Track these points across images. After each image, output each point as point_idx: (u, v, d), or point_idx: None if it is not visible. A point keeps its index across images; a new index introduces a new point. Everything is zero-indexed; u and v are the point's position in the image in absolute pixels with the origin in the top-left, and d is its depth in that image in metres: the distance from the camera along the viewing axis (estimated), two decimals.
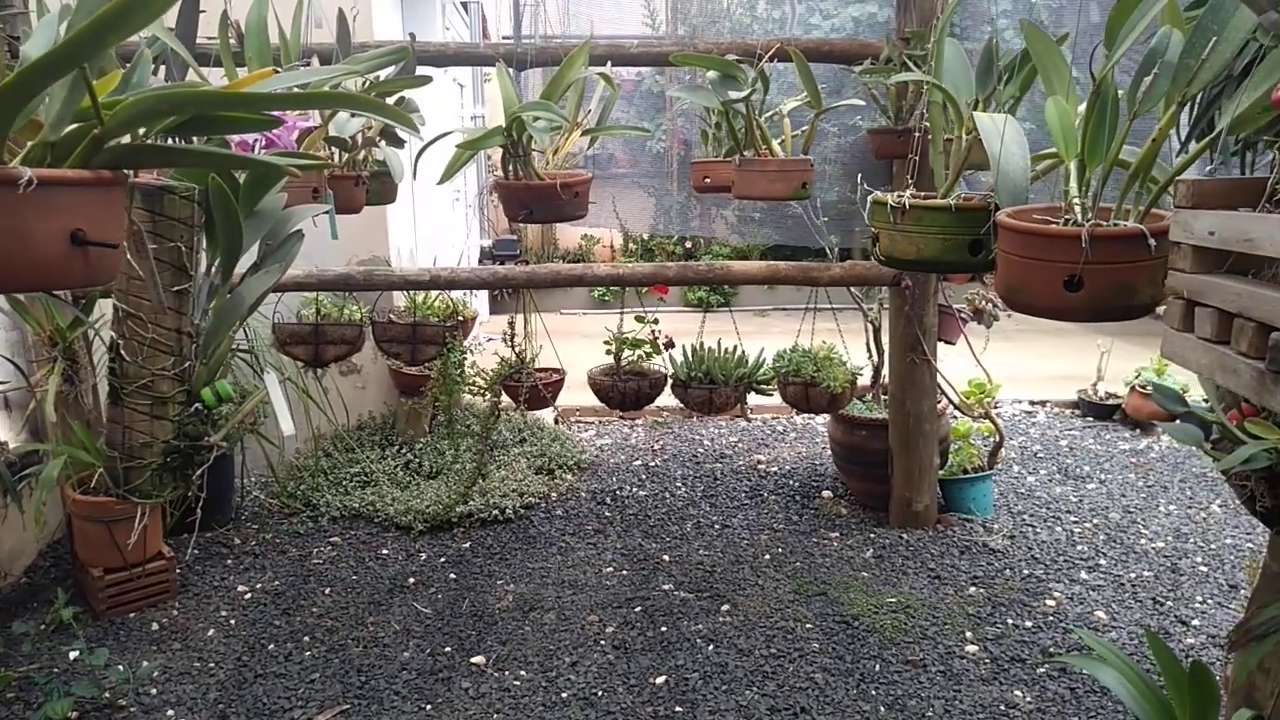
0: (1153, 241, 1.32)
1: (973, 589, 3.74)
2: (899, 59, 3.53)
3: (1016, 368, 6.47)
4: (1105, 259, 1.33)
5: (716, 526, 4.38)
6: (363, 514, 4.45)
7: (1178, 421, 2.34)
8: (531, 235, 9.90)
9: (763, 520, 4.44)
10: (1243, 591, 3.70)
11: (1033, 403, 6.29)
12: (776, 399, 4.27)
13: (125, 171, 1.29)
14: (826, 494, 4.75)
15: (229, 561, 4.05)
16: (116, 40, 0.99)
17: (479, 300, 7.92)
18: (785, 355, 4.14)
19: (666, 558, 4.06)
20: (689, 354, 4.17)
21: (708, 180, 3.68)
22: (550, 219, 3.05)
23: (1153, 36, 1.38)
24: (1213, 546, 4.10)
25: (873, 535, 4.24)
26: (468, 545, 4.19)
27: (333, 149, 2.72)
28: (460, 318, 4.43)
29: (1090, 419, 6.00)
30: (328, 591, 3.78)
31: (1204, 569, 3.90)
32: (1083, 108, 1.46)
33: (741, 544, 4.18)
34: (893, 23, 8.13)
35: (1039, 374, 6.81)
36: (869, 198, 1.98)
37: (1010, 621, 3.49)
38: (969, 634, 3.41)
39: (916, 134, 2.68)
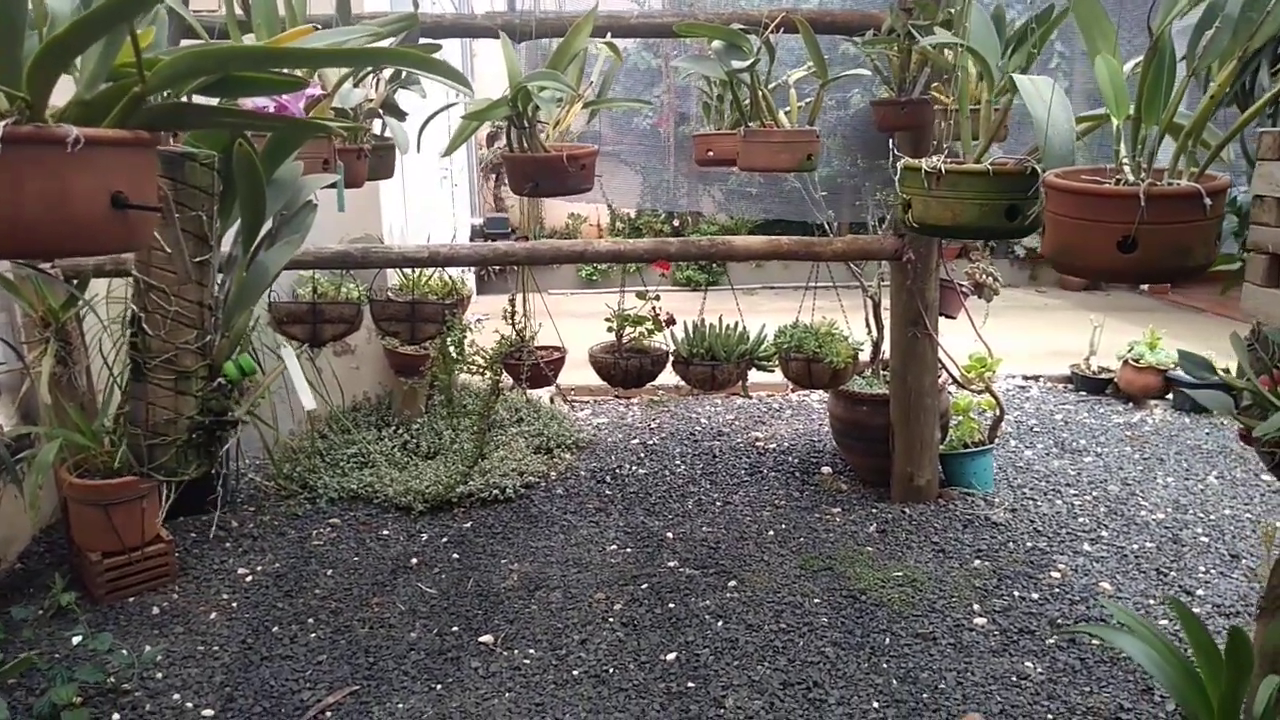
0: (1209, 201, 1.30)
1: (977, 562, 3.75)
2: (902, 29, 3.49)
3: (1008, 343, 6.48)
4: (1160, 219, 1.31)
5: (718, 504, 4.37)
6: (361, 495, 4.40)
7: (1177, 391, 2.33)
8: (518, 214, 9.81)
9: (764, 497, 4.43)
10: (1244, 561, 3.73)
11: (1026, 377, 6.32)
12: (772, 376, 4.26)
13: (159, 132, 1.24)
14: (826, 470, 4.74)
15: (228, 544, 4.00)
16: None
17: (467, 280, 7.85)
18: (787, 331, 4.12)
19: (670, 535, 4.04)
20: (690, 331, 4.14)
21: (710, 153, 3.64)
22: (556, 192, 3.01)
23: None
24: (1212, 518, 4.13)
25: (875, 510, 4.24)
26: (469, 525, 4.16)
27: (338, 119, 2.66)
28: (458, 296, 4.38)
29: (1083, 393, 6.03)
30: (330, 573, 3.74)
31: (1205, 540, 3.92)
32: (1128, 66, 1.43)
33: (744, 520, 4.17)
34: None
35: (1030, 349, 6.84)
36: (899, 163, 1.95)
37: (1017, 594, 3.50)
38: (976, 606, 3.41)
39: (950, 105, 2.63)
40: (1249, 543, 3.88)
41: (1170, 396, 5.74)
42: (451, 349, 4.04)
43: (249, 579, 3.71)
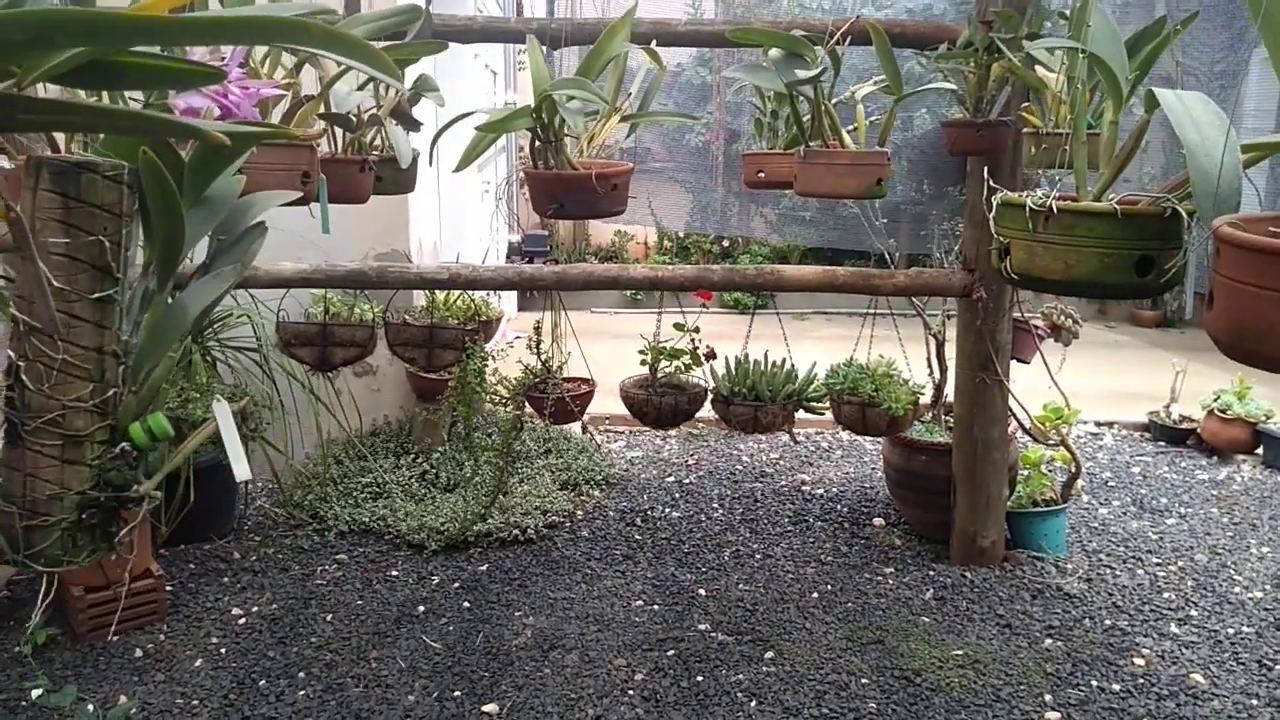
0: None
1: (1049, 641, 3.32)
2: (982, 43, 3.10)
3: (1077, 384, 5.97)
4: None
5: (758, 556, 3.99)
6: (373, 529, 4.10)
7: (1269, 445, 1.90)
8: (563, 231, 9.52)
9: (808, 551, 4.04)
10: None
11: (1098, 424, 5.83)
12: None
13: None
14: (878, 521, 4.33)
15: (225, 579, 3.71)
16: None
17: (507, 297, 7.57)
18: (840, 371, 3.74)
19: (703, 591, 3.67)
20: (732, 366, 3.77)
21: (761, 175, 3.29)
22: (584, 214, 2.68)
23: None
24: None
25: (932, 572, 3.82)
26: (484, 568, 3.83)
27: (335, 128, 2.36)
28: (482, 319, 4.07)
29: (1163, 444, 5.53)
30: (329, 618, 3.43)
31: None
32: None
33: (786, 578, 3.78)
34: (947, 15, 7.65)
35: (1101, 391, 6.33)
36: (996, 198, 1.57)
37: (1095, 684, 3.07)
38: (1048, 698, 2.99)
39: (1042, 128, 2.25)
40: None
41: (1260, 451, 5.23)
42: (472, 379, 3.73)
43: (242, 621, 3.42)
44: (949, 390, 4.08)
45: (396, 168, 2.96)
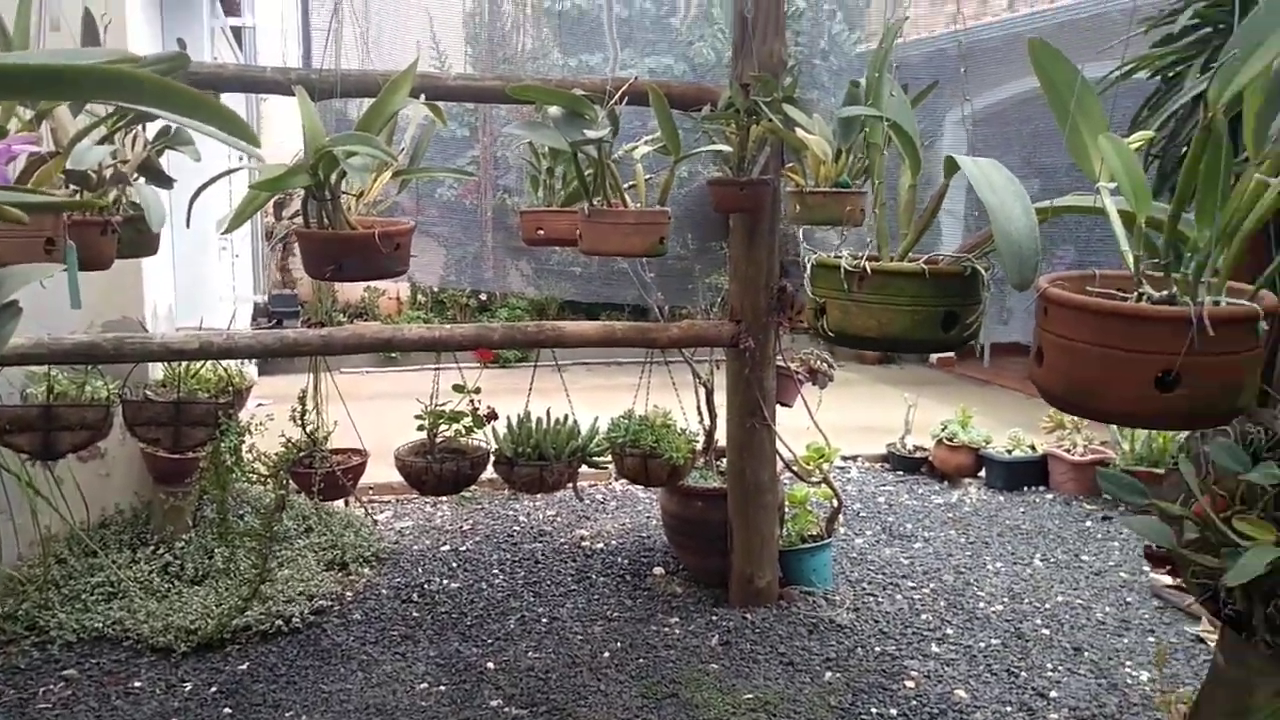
0: (1265, 326, 1.05)
1: (829, 674, 3.47)
2: (744, 104, 3.27)
3: (821, 421, 6.41)
4: (1212, 349, 1.03)
5: (544, 620, 3.89)
6: (108, 635, 3.59)
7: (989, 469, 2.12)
8: (306, 288, 9.00)
9: (594, 608, 3.99)
10: (1087, 654, 3.65)
11: (844, 457, 6.24)
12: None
13: None
14: (659, 571, 4.38)
15: None
16: None
17: (248, 362, 7.01)
18: (621, 424, 3.76)
19: (491, 665, 3.51)
20: (514, 426, 3.69)
21: (540, 232, 3.26)
22: (364, 275, 2.51)
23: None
24: (1047, 606, 4.08)
25: (714, 617, 3.90)
26: (244, 667, 3.45)
27: (72, 186, 2.07)
28: (235, 390, 3.73)
29: (900, 472, 6.03)
30: None
31: (1045, 632, 3.84)
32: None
33: (575, 640, 3.71)
34: (688, 76, 8.06)
35: (838, 426, 6.74)
36: (810, 260, 1.63)
37: (875, 710, 3.24)
38: None
39: (804, 187, 2.37)
40: (1087, 633, 3.83)
41: (983, 474, 5.82)
42: (226, 456, 3.38)
43: None
44: (719, 436, 4.22)
45: (136, 229, 2.64)
